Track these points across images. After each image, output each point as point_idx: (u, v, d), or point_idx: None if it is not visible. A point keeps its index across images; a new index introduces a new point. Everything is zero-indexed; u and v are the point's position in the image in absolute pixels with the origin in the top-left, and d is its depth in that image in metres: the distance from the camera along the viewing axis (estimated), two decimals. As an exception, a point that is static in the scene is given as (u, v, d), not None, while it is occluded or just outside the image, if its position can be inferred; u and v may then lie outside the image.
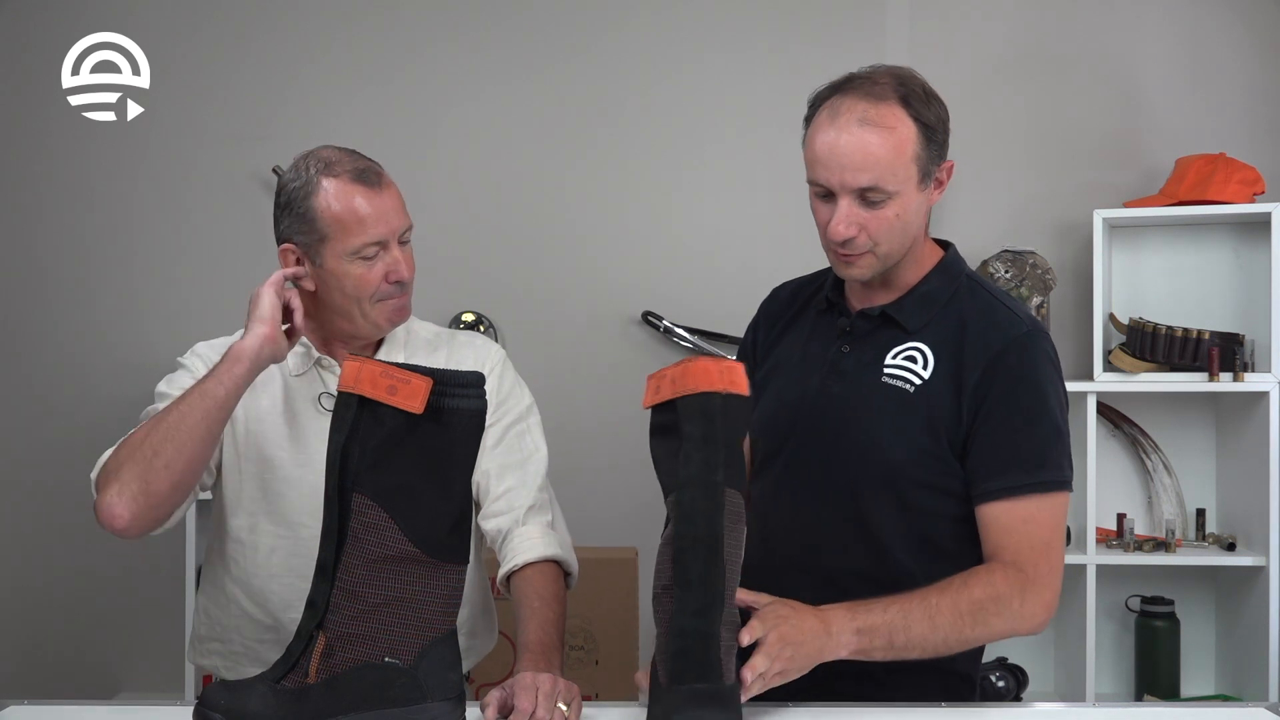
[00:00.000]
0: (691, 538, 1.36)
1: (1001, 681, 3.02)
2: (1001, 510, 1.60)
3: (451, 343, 1.91)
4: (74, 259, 3.40)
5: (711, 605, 1.35)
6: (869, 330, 1.71)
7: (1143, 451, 3.26)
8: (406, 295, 1.78)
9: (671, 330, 3.31)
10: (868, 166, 1.57)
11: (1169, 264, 3.26)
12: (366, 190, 1.72)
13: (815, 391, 1.72)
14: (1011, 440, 1.60)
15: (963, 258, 1.77)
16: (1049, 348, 1.67)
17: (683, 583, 1.35)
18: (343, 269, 1.73)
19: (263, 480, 1.81)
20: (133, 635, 3.32)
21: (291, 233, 1.76)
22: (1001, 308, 1.69)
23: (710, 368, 1.38)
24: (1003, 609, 1.55)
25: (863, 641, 1.48)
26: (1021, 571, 1.57)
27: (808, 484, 1.69)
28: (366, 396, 1.34)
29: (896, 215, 1.61)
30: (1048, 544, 1.60)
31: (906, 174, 1.60)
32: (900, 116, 1.59)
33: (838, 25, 3.36)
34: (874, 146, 1.57)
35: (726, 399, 1.38)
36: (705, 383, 1.37)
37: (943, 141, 1.64)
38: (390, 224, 1.73)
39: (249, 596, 1.83)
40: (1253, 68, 3.30)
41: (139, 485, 1.59)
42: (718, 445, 1.37)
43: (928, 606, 1.52)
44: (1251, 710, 1.62)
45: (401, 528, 1.36)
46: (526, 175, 3.39)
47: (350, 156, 1.76)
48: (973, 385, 1.61)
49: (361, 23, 3.41)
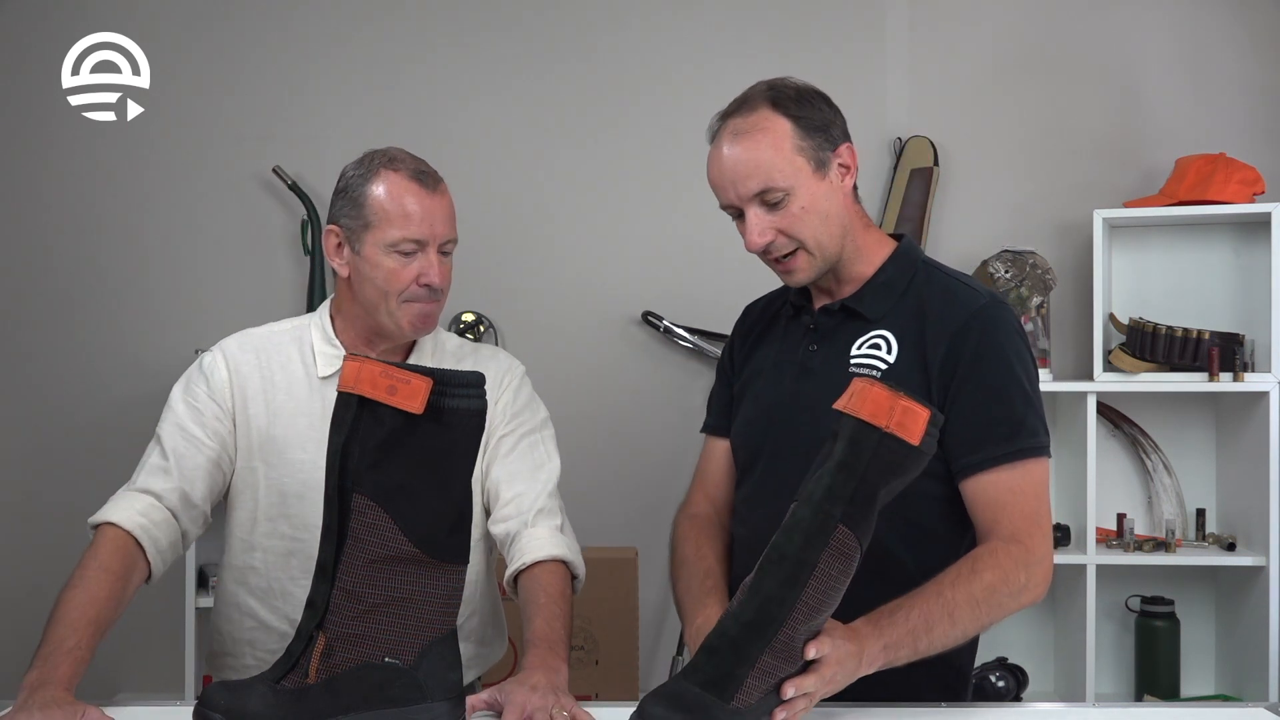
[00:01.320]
0: (780, 554, 1.33)
1: (1001, 681, 3.02)
2: (987, 483, 1.61)
3: (476, 355, 1.93)
4: (73, 259, 3.40)
5: (765, 625, 1.32)
6: (833, 326, 1.73)
7: (1143, 451, 3.26)
8: (435, 304, 1.79)
9: (671, 330, 3.31)
10: (751, 172, 1.63)
11: (1169, 264, 3.26)
12: (420, 189, 1.76)
13: (788, 394, 1.73)
14: (984, 412, 1.61)
15: (918, 246, 1.79)
16: (1010, 317, 1.68)
17: (753, 589, 1.33)
18: (378, 259, 1.75)
19: (282, 484, 1.81)
20: (132, 636, 3.31)
21: (340, 215, 1.79)
22: (959, 285, 1.71)
23: (883, 399, 1.31)
24: (1013, 588, 1.57)
25: (889, 655, 1.48)
26: (1021, 544, 1.58)
27: (787, 483, 1.69)
28: (366, 396, 1.34)
29: (803, 208, 1.65)
30: (1037, 512, 1.61)
31: (793, 167, 1.64)
32: (770, 117, 1.65)
33: (838, 26, 3.36)
34: (751, 151, 1.64)
35: (885, 438, 1.31)
36: (871, 412, 1.31)
37: (825, 128, 1.66)
38: (434, 228, 1.76)
39: (267, 606, 1.83)
40: (1253, 68, 3.30)
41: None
42: (852, 478, 1.32)
43: (945, 604, 1.52)
44: (1251, 710, 1.62)
45: (401, 528, 1.36)
46: (527, 175, 3.40)
47: (415, 159, 1.81)
48: (939, 362, 1.63)
49: (363, 24, 3.42)
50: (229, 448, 1.81)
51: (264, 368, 1.83)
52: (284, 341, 1.87)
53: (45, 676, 1.45)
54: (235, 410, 1.81)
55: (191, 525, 1.76)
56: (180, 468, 1.75)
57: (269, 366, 1.84)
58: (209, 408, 1.80)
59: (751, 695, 1.33)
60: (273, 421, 1.81)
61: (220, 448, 1.80)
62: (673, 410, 3.33)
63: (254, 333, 1.88)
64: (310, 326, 1.87)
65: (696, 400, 3.44)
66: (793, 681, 1.35)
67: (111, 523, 1.66)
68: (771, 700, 1.35)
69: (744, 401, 1.82)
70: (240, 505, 1.84)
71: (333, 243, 1.80)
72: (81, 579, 1.59)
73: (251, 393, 1.82)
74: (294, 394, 1.82)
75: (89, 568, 1.60)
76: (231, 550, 1.86)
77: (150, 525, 1.68)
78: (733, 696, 1.31)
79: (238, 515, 1.85)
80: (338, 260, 1.81)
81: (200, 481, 1.76)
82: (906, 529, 1.65)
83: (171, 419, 1.80)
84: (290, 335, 1.87)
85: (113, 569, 1.61)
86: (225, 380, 1.82)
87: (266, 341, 1.87)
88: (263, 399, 1.82)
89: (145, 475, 1.74)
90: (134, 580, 1.65)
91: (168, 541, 1.70)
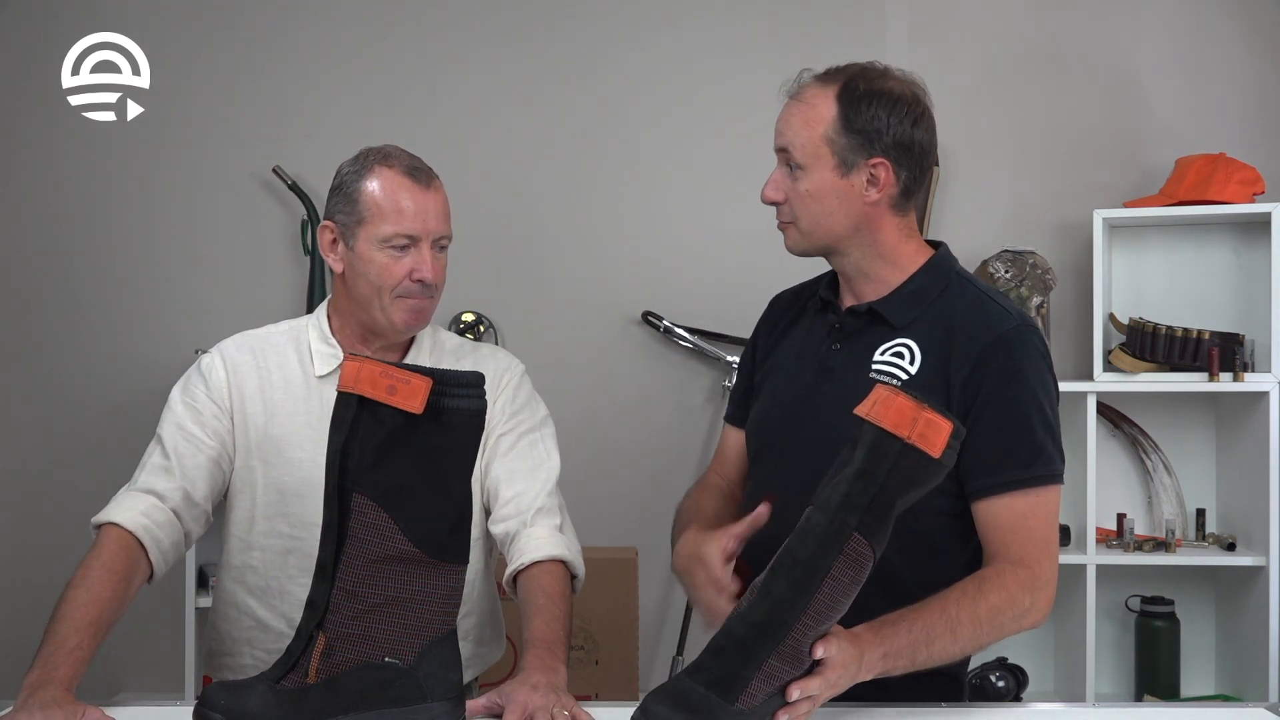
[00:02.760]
0: (794, 558, 1.33)
1: (1001, 681, 3.02)
2: (1000, 506, 1.60)
3: (475, 354, 1.93)
4: (72, 259, 3.40)
5: (775, 628, 1.32)
6: (858, 328, 1.72)
7: (1143, 451, 3.26)
8: (428, 300, 1.80)
9: (671, 330, 3.31)
10: (784, 131, 1.70)
11: (1169, 264, 3.26)
12: (412, 185, 1.77)
13: (807, 389, 1.73)
14: (1005, 436, 1.61)
15: (954, 256, 1.78)
16: (1038, 341, 1.68)
17: (763, 591, 1.33)
18: (370, 254, 1.76)
19: (281, 483, 1.81)
20: (133, 635, 3.31)
21: (335, 211, 1.81)
22: (990, 303, 1.70)
23: (907, 409, 1.30)
24: (1016, 611, 1.57)
25: (887, 664, 1.47)
26: (1029, 569, 1.58)
27: (797, 479, 1.69)
28: (366, 396, 1.34)
29: (808, 191, 1.67)
30: (1047, 539, 1.62)
31: (815, 150, 1.66)
32: (825, 97, 1.67)
33: (838, 26, 3.36)
34: (793, 115, 1.70)
35: (906, 448, 1.31)
36: (894, 421, 1.30)
37: (869, 133, 1.65)
38: (426, 223, 1.77)
39: (266, 605, 1.83)
40: (1253, 68, 3.30)
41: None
42: (871, 486, 1.31)
43: (948, 619, 1.52)
44: (1251, 710, 1.62)
45: (401, 528, 1.36)
46: (527, 175, 3.40)
47: (410, 156, 1.82)
48: (962, 381, 1.62)
49: (364, 24, 3.41)
50: (228, 447, 1.82)
51: (261, 367, 1.84)
52: (281, 341, 1.87)
53: (46, 676, 1.45)
54: (233, 409, 1.82)
55: (194, 524, 1.76)
56: (182, 467, 1.75)
57: (266, 366, 1.84)
58: (208, 407, 1.81)
59: (756, 697, 1.32)
60: (270, 421, 1.82)
61: (220, 446, 1.80)
62: (673, 410, 3.33)
63: (251, 333, 1.89)
64: (308, 326, 1.88)
65: (697, 400, 3.46)
66: (798, 684, 1.35)
67: (114, 523, 1.66)
68: (775, 702, 1.35)
69: (763, 392, 1.81)
70: (239, 504, 1.84)
71: (327, 238, 1.81)
72: (84, 579, 1.59)
73: (249, 392, 1.82)
74: (291, 393, 1.83)
75: (92, 568, 1.61)
76: (230, 550, 1.87)
77: (153, 525, 1.68)
78: (737, 698, 1.31)
79: (236, 514, 1.85)
80: (332, 256, 1.82)
81: (202, 480, 1.77)
82: (908, 542, 1.64)
83: (171, 419, 1.80)
84: (287, 335, 1.88)
85: (115, 569, 1.61)
86: (223, 380, 1.82)
87: (264, 342, 1.88)
88: (260, 398, 1.82)
89: (147, 475, 1.75)
90: (136, 580, 1.65)
91: (170, 542, 1.71)
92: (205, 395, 1.81)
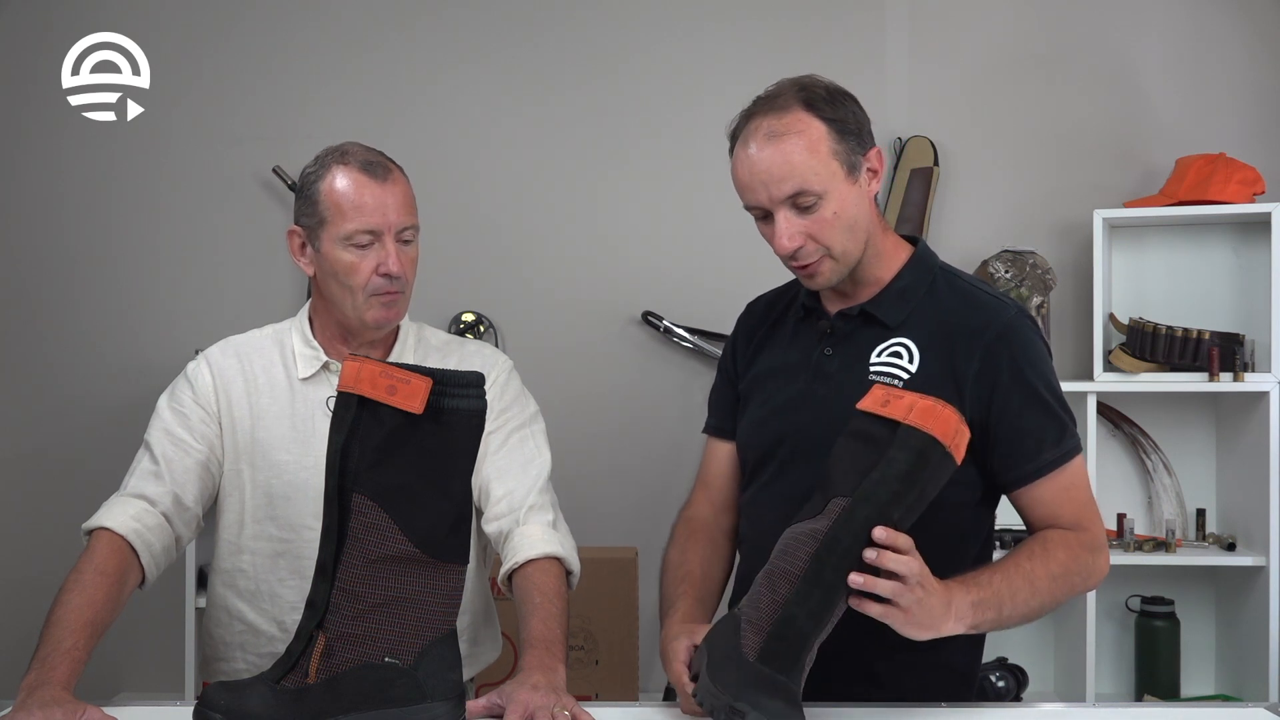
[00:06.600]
0: (844, 548, 1.37)
1: (1001, 681, 3.02)
2: (1043, 489, 1.64)
3: (461, 350, 1.92)
4: (72, 259, 3.40)
5: (828, 614, 1.38)
6: (850, 331, 1.71)
7: (1143, 451, 3.26)
8: (399, 293, 1.78)
9: (671, 330, 3.31)
10: (787, 175, 1.60)
11: (1169, 264, 3.26)
12: (369, 180, 1.75)
13: (801, 395, 1.72)
14: (1035, 424, 1.64)
15: (932, 251, 1.78)
16: (1034, 322, 1.72)
17: (814, 580, 1.38)
18: (335, 254, 1.75)
19: (269, 486, 1.81)
20: (133, 635, 3.31)
21: (300, 215, 1.80)
22: (981, 294, 1.71)
23: (951, 419, 1.39)
24: (1083, 571, 1.61)
25: (977, 615, 1.49)
26: (1086, 531, 1.64)
27: (799, 486, 1.68)
28: (366, 396, 1.35)
29: (835, 214, 1.62)
30: (1090, 503, 1.67)
31: (829, 171, 1.61)
32: (805, 119, 1.61)
33: (838, 26, 3.36)
34: (788, 154, 1.60)
35: (945, 456, 1.39)
36: (940, 429, 1.38)
37: (858, 132, 1.65)
38: (386, 217, 1.74)
39: (256, 608, 1.83)
40: (1253, 68, 3.30)
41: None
42: (914, 488, 1.38)
43: (1025, 574, 1.54)
44: (1251, 710, 1.62)
45: (401, 528, 1.36)
46: (527, 175, 3.40)
47: (365, 150, 1.79)
48: (974, 375, 1.62)
49: (364, 24, 3.42)
50: (217, 451, 1.82)
51: (246, 371, 1.85)
52: (266, 345, 1.88)
53: (43, 678, 1.45)
54: (220, 414, 1.83)
55: (185, 528, 1.77)
56: (171, 471, 1.76)
57: (251, 370, 1.85)
58: (195, 412, 1.81)
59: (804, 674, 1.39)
60: (256, 424, 1.82)
61: (209, 450, 1.81)
62: (673, 410, 3.33)
63: (236, 339, 1.90)
64: (291, 329, 1.89)
65: (696, 400, 3.45)
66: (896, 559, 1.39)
67: (105, 528, 1.67)
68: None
69: (751, 403, 1.80)
70: (228, 508, 1.84)
71: (296, 243, 1.81)
72: (77, 582, 1.59)
73: (235, 396, 1.83)
74: (276, 397, 1.83)
75: (85, 571, 1.61)
76: (220, 554, 1.87)
77: (144, 530, 1.68)
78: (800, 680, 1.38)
79: (226, 518, 1.85)
80: (302, 260, 1.81)
81: (191, 484, 1.77)
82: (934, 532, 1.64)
83: (159, 425, 1.81)
84: (272, 339, 1.89)
85: (108, 572, 1.62)
86: (209, 385, 1.83)
87: (249, 346, 1.88)
88: (246, 402, 1.83)
89: (136, 480, 1.75)
90: (129, 583, 1.66)
91: (161, 546, 1.71)
92: (192, 401, 1.82)
